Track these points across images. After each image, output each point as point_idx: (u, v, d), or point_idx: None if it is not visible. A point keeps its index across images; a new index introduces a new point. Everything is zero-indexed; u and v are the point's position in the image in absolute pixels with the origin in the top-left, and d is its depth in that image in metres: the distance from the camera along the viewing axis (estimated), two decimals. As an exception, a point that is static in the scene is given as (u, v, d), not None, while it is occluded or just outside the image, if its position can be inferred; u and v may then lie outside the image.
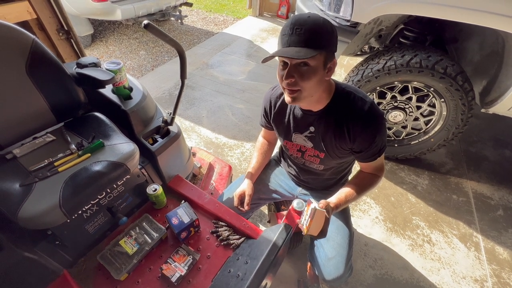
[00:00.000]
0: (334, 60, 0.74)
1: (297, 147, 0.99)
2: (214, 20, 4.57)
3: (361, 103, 0.81)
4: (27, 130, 0.98)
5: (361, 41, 1.74)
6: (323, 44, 0.69)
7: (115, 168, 0.92)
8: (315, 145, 0.93)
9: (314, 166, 1.01)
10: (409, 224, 1.65)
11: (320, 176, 1.07)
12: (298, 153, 1.00)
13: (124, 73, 1.13)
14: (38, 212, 0.77)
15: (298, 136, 0.95)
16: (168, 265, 0.94)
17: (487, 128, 2.35)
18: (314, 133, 0.90)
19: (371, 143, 0.83)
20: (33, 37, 0.91)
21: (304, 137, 0.93)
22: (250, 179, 1.10)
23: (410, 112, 1.75)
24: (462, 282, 1.39)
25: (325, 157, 0.94)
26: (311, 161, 0.99)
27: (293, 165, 1.12)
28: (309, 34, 0.67)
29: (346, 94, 0.83)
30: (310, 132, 0.91)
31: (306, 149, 0.97)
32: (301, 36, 0.67)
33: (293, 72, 0.71)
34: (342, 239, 0.98)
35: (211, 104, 2.55)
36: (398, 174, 1.94)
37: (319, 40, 0.68)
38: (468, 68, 1.71)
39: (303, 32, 0.67)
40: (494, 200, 1.80)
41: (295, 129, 0.94)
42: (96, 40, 3.67)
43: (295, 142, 0.98)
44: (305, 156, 0.99)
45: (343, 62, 3.29)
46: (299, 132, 0.94)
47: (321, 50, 0.68)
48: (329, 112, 0.85)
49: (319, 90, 0.78)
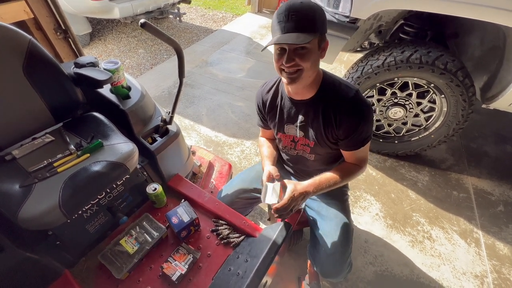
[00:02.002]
0: (326, 41, 0.79)
1: (290, 137, 1.01)
2: (213, 17, 4.54)
3: (347, 90, 0.84)
4: (26, 131, 0.98)
5: (360, 37, 1.73)
6: (317, 27, 0.73)
7: (114, 168, 0.92)
8: (305, 134, 0.96)
9: (307, 156, 1.02)
10: (409, 220, 1.65)
11: (313, 167, 1.07)
12: (292, 144, 1.02)
13: (122, 73, 1.13)
14: (38, 213, 0.77)
15: (290, 127, 0.97)
16: (169, 263, 0.94)
17: (488, 124, 2.34)
18: (304, 122, 0.93)
19: (355, 130, 0.85)
20: (29, 37, 0.91)
21: (295, 126, 0.96)
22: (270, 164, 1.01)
23: (410, 109, 1.74)
24: (462, 278, 1.40)
25: (314, 145, 0.96)
26: (304, 150, 1.01)
27: (288, 160, 1.13)
28: (305, 19, 0.71)
29: (332, 82, 0.87)
30: (300, 122, 0.93)
31: (298, 139, 0.99)
32: (297, 22, 0.71)
33: (293, 56, 0.74)
34: (341, 236, 0.99)
35: (210, 102, 2.55)
36: (399, 171, 1.93)
37: (313, 24, 0.72)
38: (468, 64, 1.69)
39: (298, 18, 0.71)
40: (494, 196, 1.80)
41: (287, 120, 0.97)
42: (94, 39, 3.65)
43: (288, 133, 1.00)
44: (298, 146, 1.01)
45: (343, 58, 3.27)
46: (290, 122, 0.96)
47: (316, 33, 0.73)
48: (317, 100, 0.87)
49: (314, 73, 0.82)
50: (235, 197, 1.16)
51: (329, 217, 1.03)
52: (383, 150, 1.99)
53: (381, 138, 1.95)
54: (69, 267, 0.96)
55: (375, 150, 2.01)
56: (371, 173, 1.91)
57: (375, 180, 1.87)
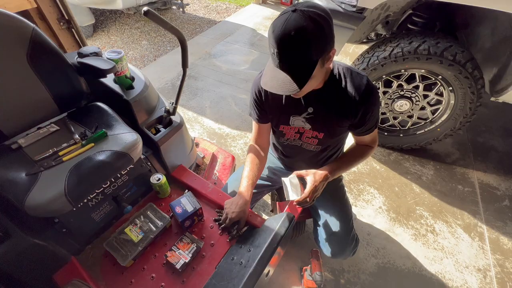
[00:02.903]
0: (331, 52, 0.70)
1: (295, 129, 0.96)
2: (217, 8, 4.47)
3: (360, 78, 0.83)
4: (31, 120, 0.99)
5: (367, 27, 1.69)
6: (316, 58, 0.66)
7: (118, 157, 0.92)
8: (313, 126, 0.92)
9: (312, 148, 1.00)
10: (413, 214, 1.64)
11: (311, 160, 1.07)
12: (296, 135, 0.98)
13: (126, 62, 1.12)
14: (45, 200, 0.78)
15: (297, 119, 0.93)
16: (173, 252, 0.96)
17: (495, 118, 2.29)
18: (313, 114, 0.89)
19: (371, 115, 0.86)
20: (33, 26, 0.91)
21: (303, 118, 0.92)
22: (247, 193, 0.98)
23: (416, 101, 1.71)
24: (465, 271, 1.40)
25: (324, 136, 0.94)
26: (309, 142, 0.99)
27: (284, 152, 1.12)
28: (297, 64, 0.65)
29: (343, 70, 0.84)
30: (308, 114, 0.90)
31: (304, 130, 0.95)
32: (289, 66, 0.66)
33: None
34: (339, 215, 1.02)
35: (214, 94, 2.53)
36: (403, 164, 1.92)
37: (310, 62, 0.66)
38: (478, 55, 1.65)
39: (289, 61, 0.65)
40: (500, 190, 1.78)
41: (293, 111, 0.92)
42: (97, 30, 3.64)
43: (293, 125, 0.95)
44: (303, 138, 0.98)
45: (349, 50, 3.22)
46: (297, 114, 0.92)
47: (315, 65, 0.66)
48: (328, 90, 0.85)
49: (322, 78, 0.81)
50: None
51: (325, 200, 1.06)
52: (388, 144, 1.97)
53: (386, 132, 1.93)
54: (75, 254, 0.98)
55: (380, 143, 1.99)
56: (375, 166, 1.90)
57: (379, 174, 1.86)
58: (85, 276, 0.90)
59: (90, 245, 1.03)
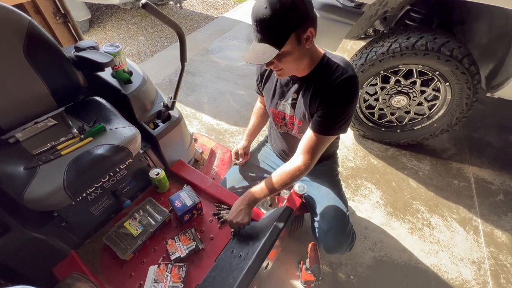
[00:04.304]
0: (308, 29, 0.71)
1: (281, 115, 1.01)
2: (214, 3, 4.44)
3: (341, 72, 0.80)
4: (28, 114, 0.98)
5: (365, 23, 1.69)
6: (289, 28, 0.69)
7: (117, 151, 0.92)
8: (295, 113, 0.95)
9: (296, 135, 1.02)
10: (409, 208, 1.66)
11: None
12: (282, 121, 1.03)
13: (123, 57, 1.11)
14: (44, 194, 0.78)
15: (282, 103, 0.98)
16: (174, 242, 0.97)
17: (491, 114, 2.32)
18: (296, 100, 0.92)
19: (330, 111, 0.82)
20: (29, 19, 0.90)
21: (287, 104, 0.96)
22: (247, 140, 1.22)
23: (413, 97, 1.73)
24: (460, 264, 1.42)
25: (303, 125, 0.96)
26: (292, 129, 1.02)
27: (277, 137, 1.14)
28: (271, 30, 0.69)
29: (330, 63, 0.83)
30: (292, 99, 0.93)
31: (288, 116, 0.99)
32: (264, 34, 0.70)
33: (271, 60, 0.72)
34: (335, 211, 1.02)
35: (212, 90, 2.53)
36: (400, 160, 1.94)
37: (283, 29, 0.69)
38: (475, 51, 1.66)
39: (264, 29, 0.69)
40: (495, 185, 1.81)
41: (280, 95, 0.97)
42: (94, 25, 3.59)
43: (279, 110, 1.00)
44: (288, 124, 1.02)
45: (346, 47, 3.22)
46: (283, 98, 0.96)
47: (288, 36, 0.69)
48: (310, 79, 0.86)
49: (304, 61, 0.80)
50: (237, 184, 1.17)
51: (321, 195, 1.06)
52: (385, 139, 1.98)
53: (383, 127, 1.95)
54: (75, 248, 0.98)
55: (377, 139, 2.01)
56: (372, 162, 1.92)
57: (376, 169, 1.88)
58: (85, 270, 0.90)
59: (89, 239, 1.03)
